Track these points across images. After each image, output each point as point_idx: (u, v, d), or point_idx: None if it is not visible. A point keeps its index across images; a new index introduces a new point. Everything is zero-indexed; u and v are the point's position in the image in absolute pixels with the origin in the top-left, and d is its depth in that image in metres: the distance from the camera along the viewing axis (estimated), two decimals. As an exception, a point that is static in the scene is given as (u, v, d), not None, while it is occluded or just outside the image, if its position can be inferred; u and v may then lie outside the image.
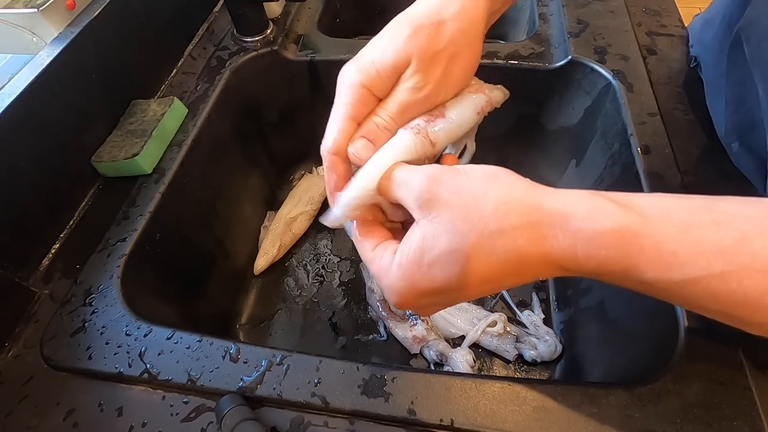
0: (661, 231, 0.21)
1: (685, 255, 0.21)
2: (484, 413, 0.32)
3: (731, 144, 0.44)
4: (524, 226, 0.23)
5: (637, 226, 0.22)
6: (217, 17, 0.68)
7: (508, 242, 0.23)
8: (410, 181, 0.25)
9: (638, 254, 0.22)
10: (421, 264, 0.24)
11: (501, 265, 0.23)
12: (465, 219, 0.23)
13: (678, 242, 0.21)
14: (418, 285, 0.25)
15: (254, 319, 0.60)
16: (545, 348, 0.52)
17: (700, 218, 0.21)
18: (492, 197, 0.23)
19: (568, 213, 0.23)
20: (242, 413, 0.31)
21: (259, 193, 0.68)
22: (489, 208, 0.23)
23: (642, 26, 0.60)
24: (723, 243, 0.21)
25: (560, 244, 0.22)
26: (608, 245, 0.22)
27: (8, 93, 0.41)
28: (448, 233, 0.23)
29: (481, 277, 0.24)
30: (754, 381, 0.32)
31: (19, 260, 0.42)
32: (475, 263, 0.23)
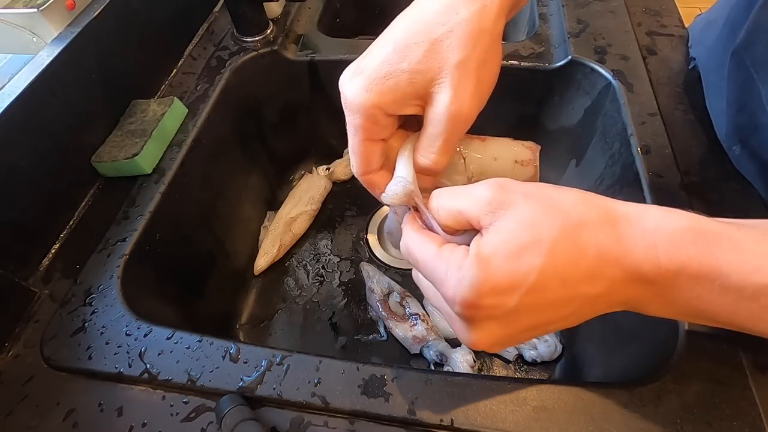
0: (739, 233, 0.21)
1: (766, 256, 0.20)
2: (484, 413, 0.32)
3: (732, 147, 0.44)
4: (603, 221, 0.22)
5: (713, 227, 0.21)
6: (217, 17, 0.68)
7: (590, 236, 0.21)
8: (474, 191, 0.23)
9: (720, 254, 0.20)
10: (499, 254, 0.21)
11: (581, 263, 0.21)
12: (546, 212, 0.22)
13: (759, 245, 0.20)
14: (495, 277, 0.21)
15: (254, 319, 0.60)
16: (545, 348, 0.52)
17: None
18: (568, 195, 0.22)
19: (642, 213, 0.22)
20: (242, 413, 0.31)
21: (259, 193, 0.68)
22: (568, 203, 0.22)
23: (642, 26, 0.60)
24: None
25: (640, 243, 0.21)
26: (689, 242, 0.21)
27: (8, 93, 0.41)
28: (531, 226, 0.21)
29: (561, 277, 0.21)
30: (754, 381, 0.32)
31: (19, 260, 0.42)
32: (558, 256, 0.21)
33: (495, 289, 0.21)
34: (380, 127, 0.27)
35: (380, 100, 0.25)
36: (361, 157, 0.28)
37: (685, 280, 0.21)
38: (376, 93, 0.25)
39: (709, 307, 0.21)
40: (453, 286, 0.22)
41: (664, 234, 0.21)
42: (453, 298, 0.22)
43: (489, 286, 0.21)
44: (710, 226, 0.21)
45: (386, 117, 0.26)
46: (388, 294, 0.58)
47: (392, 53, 0.25)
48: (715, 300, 0.21)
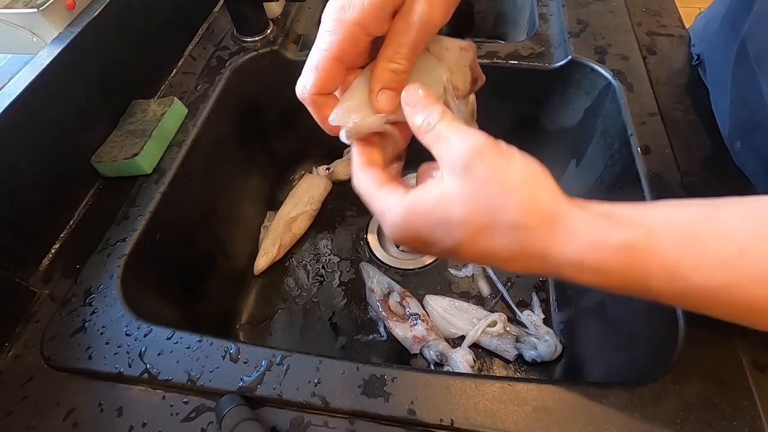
0: (667, 246, 0.22)
1: (689, 268, 0.22)
2: (484, 413, 0.32)
3: (734, 143, 0.44)
4: (537, 228, 0.23)
5: (644, 243, 0.23)
6: (217, 17, 0.68)
7: (518, 236, 0.24)
8: (454, 144, 0.25)
9: (645, 268, 0.23)
10: (429, 216, 0.25)
11: (500, 251, 0.24)
12: (489, 200, 0.24)
13: (682, 256, 0.22)
14: (418, 232, 0.26)
15: (254, 319, 0.60)
16: (545, 348, 0.52)
17: (702, 231, 0.23)
18: (522, 193, 0.24)
19: (581, 229, 0.23)
20: (242, 413, 0.31)
21: (259, 193, 0.68)
22: (515, 203, 0.23)
23: (642, 26, 0.60)
24: (724, 256, 0.22)
25: (567, 257, 0.23)
26: (618, 261, 0.23)
27: (8, 93, 0.41)
28: (468, 204, 0.24)
29: (476, 252, 0.25)
30: (754, 381, 0.32)
31: (19, 260, 0.42)
32: (479, 240, 0.24)
33: (416, 237, 0.26)
34: (356, 51, 0.27)
35: (362, 17, 0.26)
36: (323, 74, 0.27)
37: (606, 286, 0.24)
38: (357, 9, 0.26)
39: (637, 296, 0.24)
40: (386, 225, 0.27)
41: (594, 253, 0.23)
42: (386, 231, 0.27)
43: (411, 234, 0.26)
44: (642, 242, 0.23)
45: (366, 40, 0.27)
46: (388, 294, 0.58)
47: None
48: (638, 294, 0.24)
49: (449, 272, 0.62)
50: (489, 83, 0.34)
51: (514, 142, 0.25)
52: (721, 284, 0.22)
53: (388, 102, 0.28)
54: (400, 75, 0.27)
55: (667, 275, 0.22)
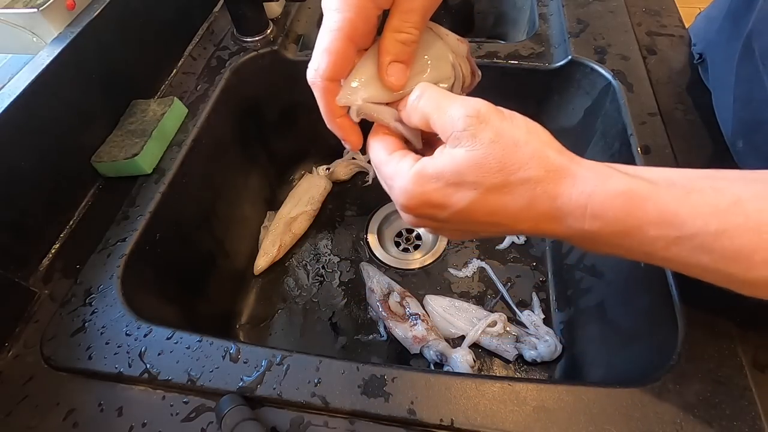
0: (666, 194, 0.23)
1: (685, 214, 0.23)
2: (484, 413, 0.32)
3: (736, 142, 0.44)
4: (547, 180, 0.24)
5: (645, 191, 0.24)
6: (217, 17, 0.68)
7: (528, 190, 0.24)
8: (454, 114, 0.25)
9: (643, 215, 0.23)
10: (440, 178, 0.25)
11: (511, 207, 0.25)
12: (499, 160, 0.24)
13: (679, 204, 0.23)
14: (429, 196, 0.25)
15: (254, 319, 0.60)
16: (545, 348, 0.52)
17: (701, 185, 0.24)
18: (529, 148, 0.24)
19: (586, 175, 0.25)
20: (242, 413, 0.31)
21: (259, 193, 0.68)
22: (524, 158, 0.24)
23: (642, 26, 0.60)
24: (719, 205, 0.23)
25: (572, 202, 0.24)
26: (617, 207, 0.24)
27: (8, 93, 0.41)
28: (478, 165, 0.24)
29: (488, 211, 0.25)
30: (754, 381, 0.32)
31: (19, 260, 0.42)
32: (491, 199, 0.25)
33: (427, 203, 0.26)
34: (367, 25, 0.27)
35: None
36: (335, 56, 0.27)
37: (605, 235, 0.24)
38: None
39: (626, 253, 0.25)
40: (396, 190, 0.27)
41: (597, 197, 0.24)
42: (396, 199, 0.27)
43: (423, 199, 0.26)
44: (642, 189, 0.24)
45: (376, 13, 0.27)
46: (388, 294, 0.58)
47: None
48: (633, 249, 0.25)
49: (449, 272, 0.62)
50: (489, 83, 0.34)
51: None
52: (713, 231, 0.22)
53: (399, 76, 0.27)
54: (409, 46, 0.27)
55: (664, 222, 0.23)
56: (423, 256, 0.64)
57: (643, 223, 0.24)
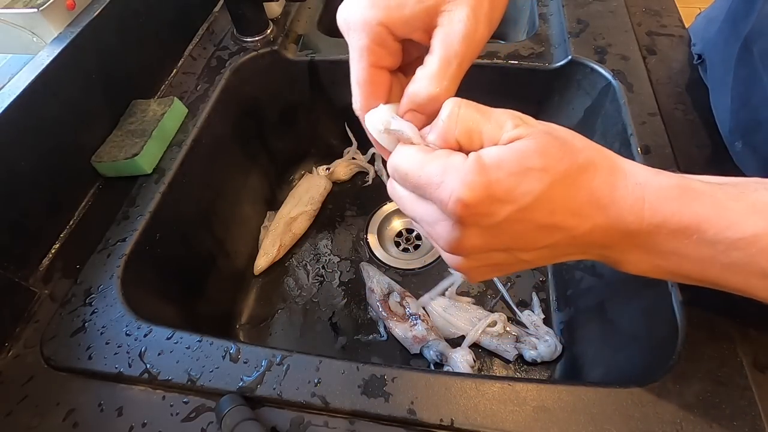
0: (720, 192, 0.22)
1: (744, 213, 0.22)
2: (484, 413, 0.32)
3: (734, 143, 0.44)
4: (605, 168, 0.23)
5: (697, 186, 0.23)
6: (217, 17, 0.68)
7: (590, 178, 0.23)
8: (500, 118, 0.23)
9: (700, 210, 0.22)
10: (501, 168, 0.21)
11: (574, 199, 0.23)
12: (559, 148, 0.22)
13: (736, 201, 0.22)
14: (494, 187, 0.21)
15: (254, 319, 0.60)
16: (545, 348, 0.52)
17: (755, 184, 0.23)
18: (580, 139, 0.24)
19: (636, 168, 0.23)
20: (242, 413, 0.31)
21: (259, 193, 0.68)
22: (580, 145, 0.23)
23: (642, 26, 0.60)
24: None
25: (630, 194, 0.23)
26: (673, 198, 0.22)
27: (8, 93, 0.41)
28: (543, 155, 0.22)
29: (552, 206, 0.22)
30: (754, 381, 0.32)
31: (19, 260, 0.42)
32: (556, 188, 0.22)
33: (491, 196, 0.21)
34: (388, 51, 0.25)
35: (387, 15, 0.24)
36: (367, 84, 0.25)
37: (664, 234, 0.22)
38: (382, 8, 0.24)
39: (684, 261, 0.23)
40: (449, 186, 0.21)
41: (652, 188, 0.23)
42: (448, 197, 0.22)
43: (487, 191, 0.21)
44: (695, 184, 0.23)
45: (393, 40, 0.25)
46: (388, 294, 0.58)
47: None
48: (691, 254, 0.23)
49: (449, 272, 0.62)
50: (489, 83, 0.34)
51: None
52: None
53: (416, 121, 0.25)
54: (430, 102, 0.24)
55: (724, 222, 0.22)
56: (423, 256, 0.64)
57: (701, 220, 0.22)
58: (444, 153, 0.23)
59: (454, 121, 0.23)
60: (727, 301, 0.35)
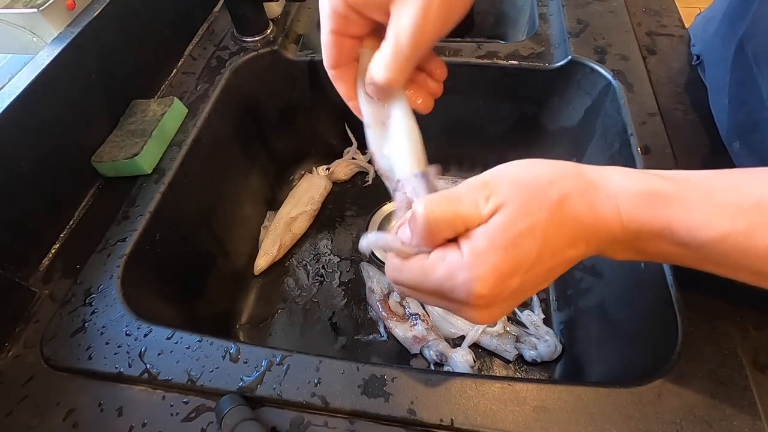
0: (688, 194, 0.23)
1: (712, 215, 0.23)
2: (484, 413, 0.32)
3: (733, 143, 0.44)
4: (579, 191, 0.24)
5: (666, 189, 0.24)
6: (217, 17, 0.68)
7: (570, 209, 0.24)
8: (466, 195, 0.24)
9: (670, 215, 0.23)
10: (497, 248, 0.23)
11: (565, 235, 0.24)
12: (533, 197, 0.24)
13: (704, 204, 0.23)
14: (500, 269, 0.23)
15: (254, 319, 0.60)
16: (545, 348, 0.52)
17: (722, 183, 0.24)
18: (545, 175, 0.24)
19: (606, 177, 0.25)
20: (242, 413, 0.31)
21: (259, 193, 0.68)
22: (546, 181, 0.24)
23: (642, 26, 0.60)
24: (744, 204, 0.23)
25: (606, 207, 0.24)
26: (645, 205, 0.24)
27: (8, 93, 0.41)
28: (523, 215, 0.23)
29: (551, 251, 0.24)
30: (754, 381, 0.32)
31: (19, 260, 0.42)
32: (549, 236, 0.23)
33: (501, 277, 0.23)
34: (349, 23, 0.27)
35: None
36: (328, 48, 0.28)
37: (644, 236, 0.24)
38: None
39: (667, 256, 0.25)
40: (464, 287, 0.23)
41: (624, 197, 0.24)
42: (467, 296, 0.23)
43: (496, 276, 0.23)
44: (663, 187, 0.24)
45: (355, 14, 0.27)
46: (388, 294, 0.58)
47: None
48: (670, 252, 0.25)
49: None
50: (489, 83, 0.34)
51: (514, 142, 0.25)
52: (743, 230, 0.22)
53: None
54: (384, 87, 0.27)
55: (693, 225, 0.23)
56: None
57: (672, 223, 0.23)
58: (438, 256, 0.24)
59: (434, 224, 0.24)
60: (727, 301, 0.35)
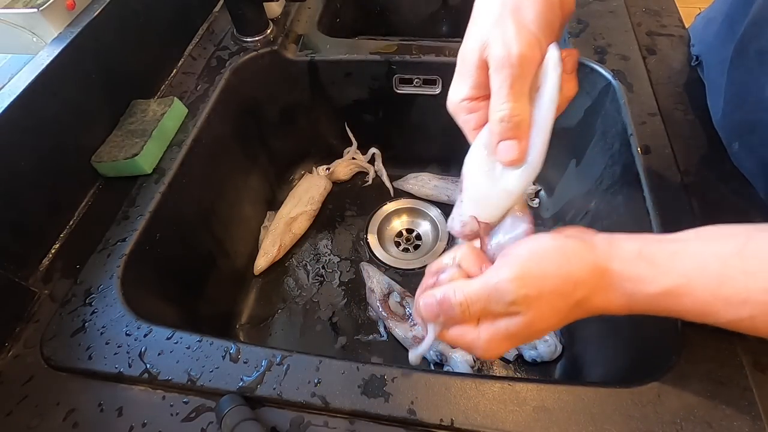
0: (700, 289, 0.25)
1: (720, 307, 0.25)
2: (484, 413, 0.32)
3: (731, 143, 0.44)
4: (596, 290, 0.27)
5: (680, 288, 0.25)
6: (217, 17, 0.68)
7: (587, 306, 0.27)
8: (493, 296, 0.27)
9: (681, 309, 0.26)
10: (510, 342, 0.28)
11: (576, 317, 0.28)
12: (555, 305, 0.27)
13: (714, 296, 0.25)
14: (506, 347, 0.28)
15: (254, 319, 0.60)
16: (545, 348, 0.52)
17: (733, 269, 0.25)
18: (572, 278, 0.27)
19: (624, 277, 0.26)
20: (242, 413, 0.31)
21: (259, 193, 0.68)
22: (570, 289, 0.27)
23: (642, 26, 0.60)
24: (750, 292, 0.24)
25: (617, 302, 0.27)
26: (656, 305, 0.26)
27: (8, 93, 0.41)
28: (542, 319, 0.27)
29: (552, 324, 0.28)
30: (754, 381, 0.32)
31: (19, 260, 0.42)
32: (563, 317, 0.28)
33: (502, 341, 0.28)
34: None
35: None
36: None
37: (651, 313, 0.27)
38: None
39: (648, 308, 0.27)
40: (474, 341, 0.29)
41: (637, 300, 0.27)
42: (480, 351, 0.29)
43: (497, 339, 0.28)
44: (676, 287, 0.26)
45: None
46: (388, 294, 0.58)
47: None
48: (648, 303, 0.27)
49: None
50: (489, 83, 0.34)
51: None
52: (747, 317, 0.24)
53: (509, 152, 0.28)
54: (510, 121, 0.28)
55: (702, 313, 0.26)
56: (423, 256, 0.64)
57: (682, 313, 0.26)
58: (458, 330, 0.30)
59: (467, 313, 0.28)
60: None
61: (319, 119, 0.70)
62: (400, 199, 0.70)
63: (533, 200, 0.67)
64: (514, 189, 0.29)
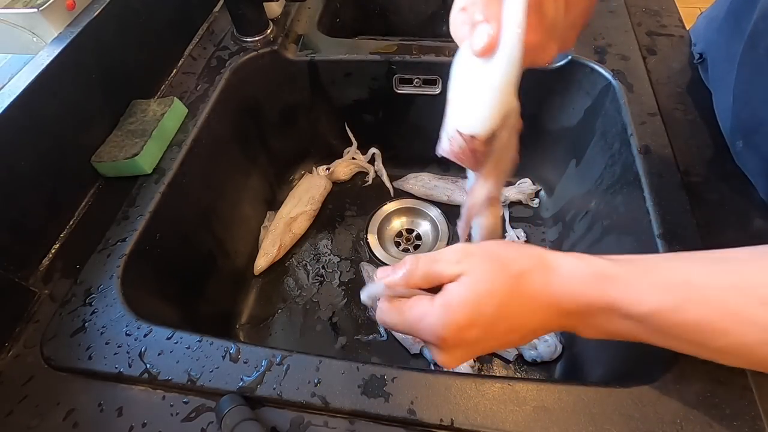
0: (628, 274, 0.27)
1: (644, 291, 0.26)
2: (484, 413, 0.32)
3: (735, 142, 0.44)
4: (535, 270, 0.28)
5: (611, 270, 0.27)
6: (217, 17, 0.68)
7: (527, 283, 0.27)
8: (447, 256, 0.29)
9: (612, 291, 0.26)
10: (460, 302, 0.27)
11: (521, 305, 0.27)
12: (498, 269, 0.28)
13: (640, 281, 0.26)
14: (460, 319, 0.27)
15: (254, 319, 0.60)
16: (545, 348, 0.52)
17: (660, 263, 0.27)
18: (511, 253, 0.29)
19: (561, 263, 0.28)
20: (242, 413, 0.31)
21: (259, 193, 0.68)
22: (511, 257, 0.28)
23: (642, 26, 0.60)
24: (672, 281, 0.26)
25: (559, 287, 0.27)
26: (592, 284, 0.27)
27: (8, 93, 0.41)
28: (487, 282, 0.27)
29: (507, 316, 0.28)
30: (754, 381, 0.32)
31: (19, 260, 0.42)
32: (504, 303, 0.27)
33: (459, 327, 0.27)
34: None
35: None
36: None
37: (595, 311, 0.27)
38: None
39: (619, 330, 0.28)
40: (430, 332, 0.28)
41: (575, 278, 0.27)
42: (432, 340, 0.28)
43: (455, 325, 0.27)
44: (609, 269, 0.27)
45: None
46: (388, 294, 0.58)
47: None
48: (623, 326, 0.27)
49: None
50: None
51: (514, 142, 0.24)
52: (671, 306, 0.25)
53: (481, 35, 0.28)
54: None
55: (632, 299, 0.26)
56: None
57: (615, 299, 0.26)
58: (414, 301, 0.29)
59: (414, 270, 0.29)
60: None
61: (319, 119, 0.70)
62: (400, 199, 0.70)
63: (533, 200, 0.67)
64: (496, 81, 0.29)
